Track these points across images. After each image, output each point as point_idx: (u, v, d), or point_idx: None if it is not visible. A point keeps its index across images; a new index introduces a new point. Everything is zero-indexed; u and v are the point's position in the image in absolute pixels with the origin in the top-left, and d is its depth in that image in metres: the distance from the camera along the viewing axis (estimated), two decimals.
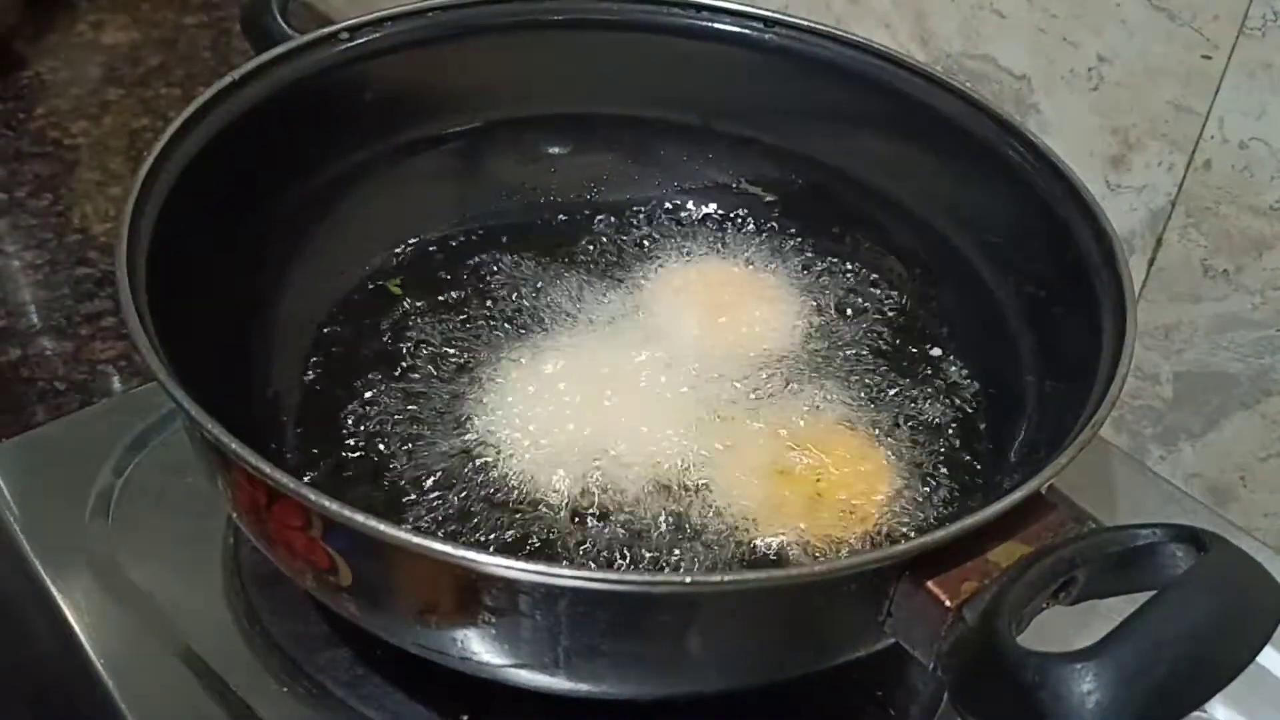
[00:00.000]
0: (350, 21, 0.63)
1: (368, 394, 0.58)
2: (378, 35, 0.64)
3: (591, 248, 0.68)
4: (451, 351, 0.61)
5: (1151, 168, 0.69)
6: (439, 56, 0.66)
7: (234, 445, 0.42)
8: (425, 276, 0.65)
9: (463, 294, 0.64)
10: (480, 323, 0.62)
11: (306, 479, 0.54)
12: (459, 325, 0.62)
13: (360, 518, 0.40)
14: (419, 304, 0.63)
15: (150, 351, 0.44)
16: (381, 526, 0.39)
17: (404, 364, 0.60)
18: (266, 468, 0.41)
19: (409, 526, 0.43)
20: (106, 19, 1.32)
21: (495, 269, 0.66)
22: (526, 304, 0.63)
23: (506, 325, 0.62)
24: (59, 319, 0.96)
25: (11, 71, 1.23)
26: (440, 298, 0.64)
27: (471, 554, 0.39)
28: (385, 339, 0.61)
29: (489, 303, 0.63)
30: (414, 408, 0.58)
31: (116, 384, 0.92)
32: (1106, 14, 0.68)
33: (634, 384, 0.58)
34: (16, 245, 1.03)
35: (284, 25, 0.63)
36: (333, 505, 0.40)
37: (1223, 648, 0.38)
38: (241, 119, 0.57)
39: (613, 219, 0.69)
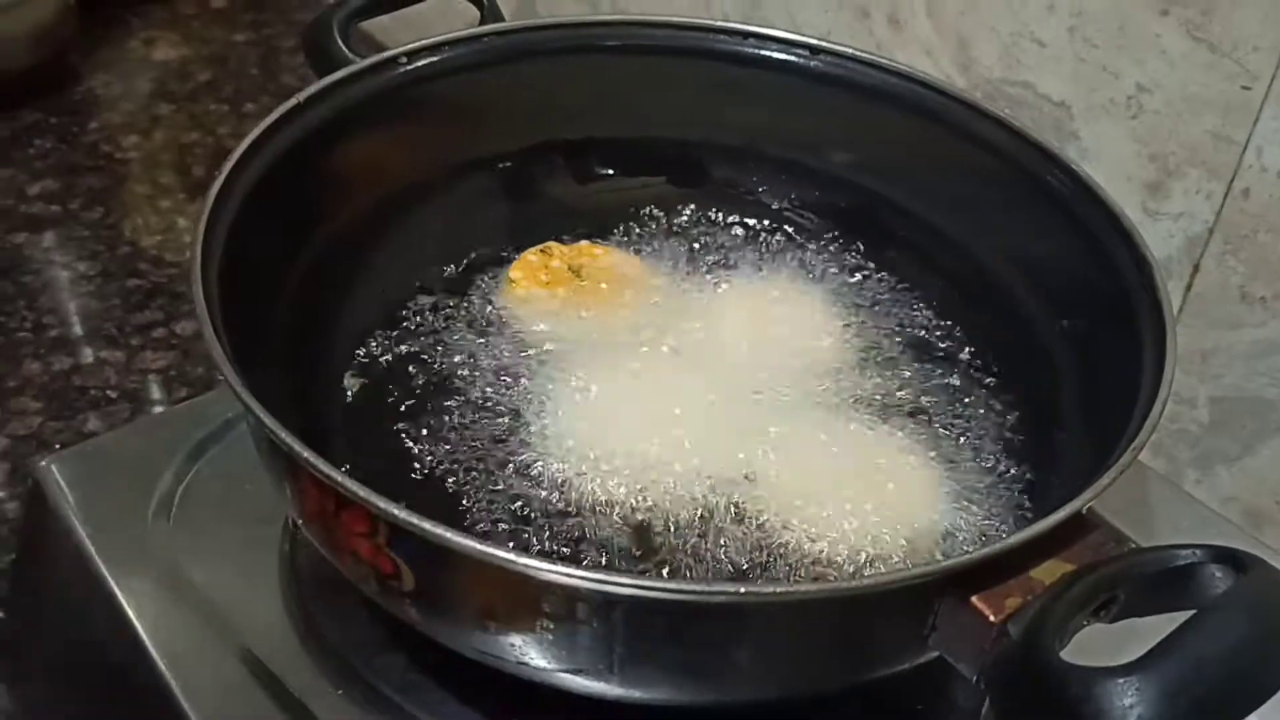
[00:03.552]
0: (408, 46, 0.65)
1: (422, 406, 0.60)
2: (435, 59, 0.66)
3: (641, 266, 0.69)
4: (503, 366, 0.62)
5: (1190, 195, 0.70)
6: (493, 80, 0.68)
7: (306, 454, 0.43)
8: (478, 293, 0.67)
9: (514, 311, 0.66)
10: (531, 338, 0.64)
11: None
12: (510, 341, 0.64)
13: (428, 525, 0.41)
14: (472, 319, 0.65)
15: (226, 364, 0.46)
16: (448, 534, 0.41)
17: (457, 377, 0.62)
18: (337, 476, 0.43)
19: (472, 534, 0.45)
20: (158, 36, 1.35)
21: None
22: (576, 319, 0.65)
23: (558, 340, 0.63)
24: (110, 329, 0.98)
25: (66, 86, 1.26)
26: (492, 314, 0.65)
27: (534, 562, 0.41)
28: (439, 352, 0.63)
29: (540, 319, 0.65)
30: (467, 419, 0.59)
31: (166, 393, 0.94)
32: (1147, 44, 0.69)
33: (683, 398, 0.59)
34: (69, 256, 1.05)
35: (345, 50, 0.65)
36: (401, 513, 0.42)
37: (1262, 666, 0.39)
38: (305, 139, 0.59)
39: (661, 239, 0.71)
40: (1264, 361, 0.70)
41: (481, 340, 0.64)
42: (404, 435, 0.58)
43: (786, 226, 0.72)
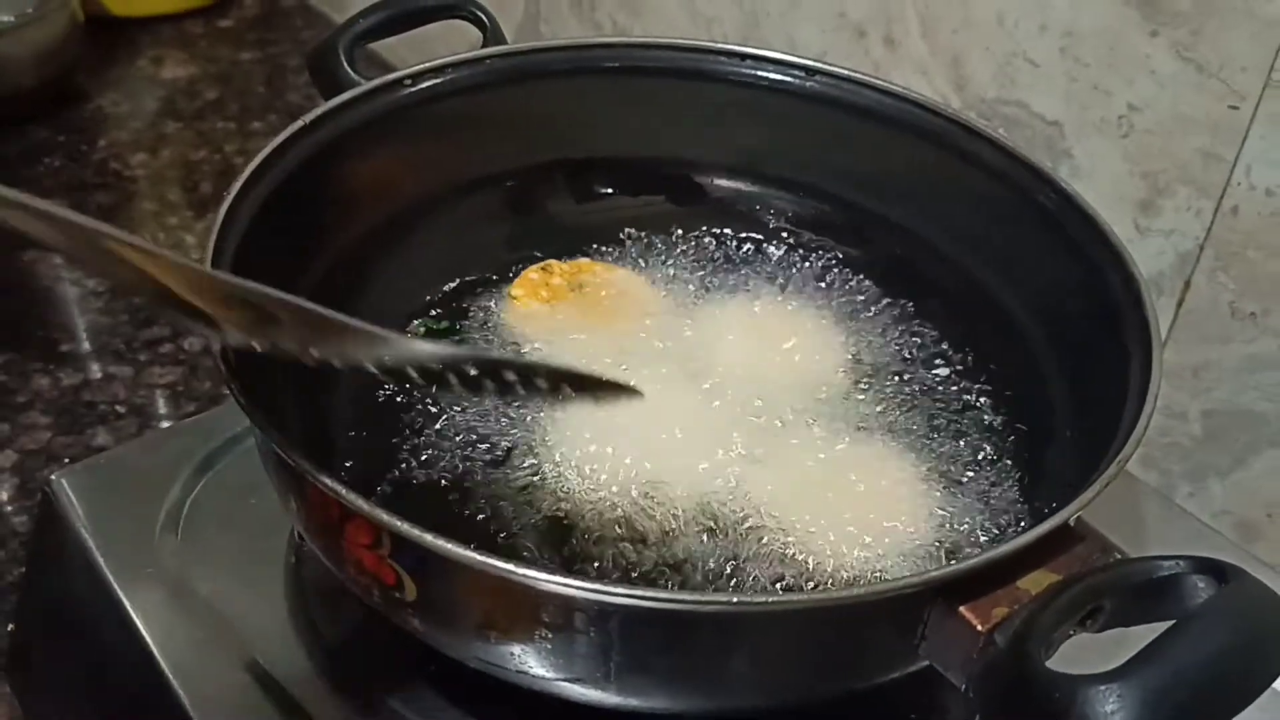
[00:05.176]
0: (413, 68, 0.66)
1: (424, 421, 0.61)
2: (438, 81, 0.67)
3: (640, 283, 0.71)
4: (505, 380, 0.63)
5: (1180, 212, 0.71)
6: (496, 101, 0.69)
7: (311, 468, 0.45)
8: (480, 310, 0.68)
9: (515, 328, 0.67)
10: (533, 355, 0.65)
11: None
12: (513, 355, 0.65)
13: (429, 537, 0.42)
14: (475, 335, 0.66)
15: (234, 380, 0.47)
16: (449, 545, 0.42)
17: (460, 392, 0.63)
18: (342, 489, 0.44)
19: (472, 545, 0.46)
20: (166, 54, 1.37)
21: None
22: (576, 337, 0.66)
23: (559, 357, 0.64)
24: (119, 345, 0.99)
25: (74, 104, 1.27)
26: (493, 331, 0.67)
27: (532, 572, 0.42)
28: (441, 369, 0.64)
29: (541, 336, 0.66)
30: (468, 434, 0.60)
31: (174, 407, 0.95)
32: (1137, 64, 0.70)
33: (682, 414, 0.60)
34: (78, 273, 1.07)
35: (351, 72, 0.66)
36: (403, 525, 0.43)
37: (1242, 673, 0.40)
38: (312, 159, 0.61)
39: (660, 257, 0.72)
40: (1254, 376, 0.71)
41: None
42: (407, 449, 0.59)
43: (784, 244, 0.74)
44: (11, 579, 0.80)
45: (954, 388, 0.65)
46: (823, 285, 0.71)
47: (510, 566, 0.42)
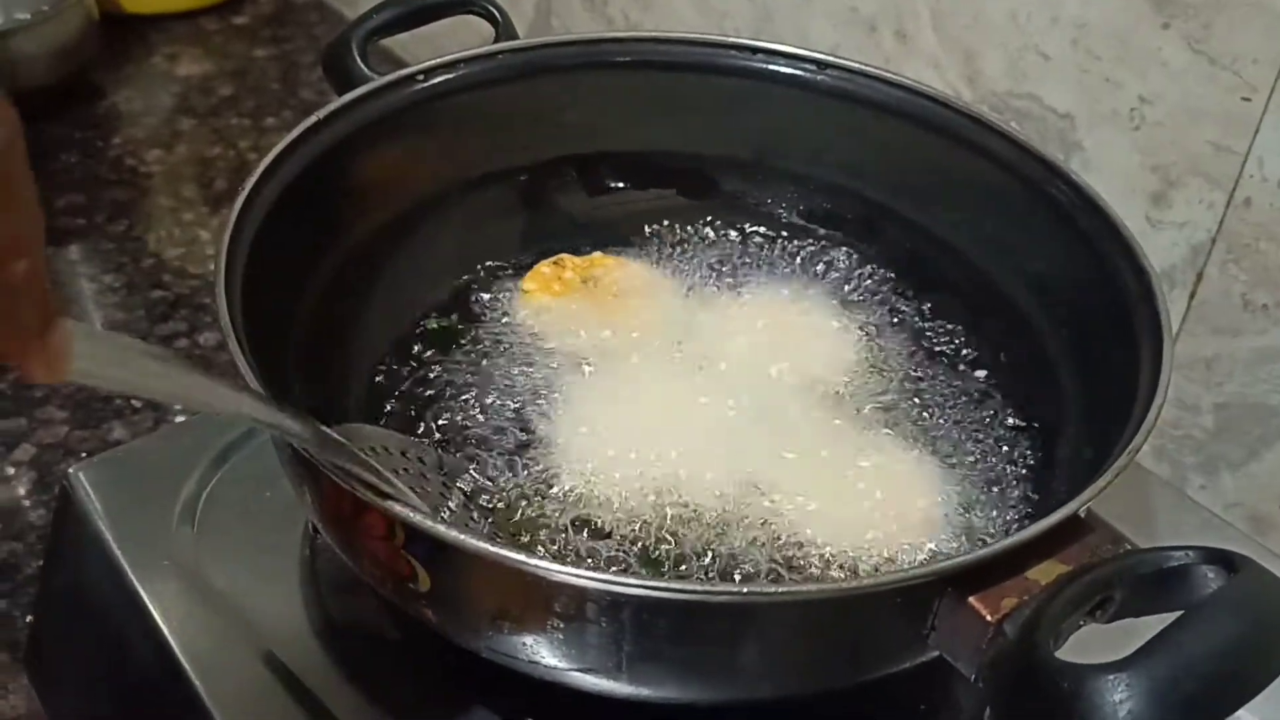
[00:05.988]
0: (426, 64, 0.67)
1: (437, 414, 0.62)
2: (451, 76, 0.67)
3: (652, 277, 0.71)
4: (517, 376, 0.64)
5: (1192, 205, 0.71)
6: (508, 95, 0.69)
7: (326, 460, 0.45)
8: (491, 304, 0.68)
9: (528, 322, 0.67)
10: (544, 349, 0.65)
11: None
12: (524, 351, 0.65)
13: (443, 528, 0.43)
14: (486, 330, 0.67)
15: (249, 374, 0.47)
16: (463, 537, 0.43)
17: (471, 387, 0.63)
18: (357, 482, 0.44)
19: (486, 537, 0.46)
20: (180, 51, 1.37)
21: None
22: (588, 330, 0.66)
23: (570, 350, 0.65)
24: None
25: (90, 101, 1.28)
26: (505, 325, 0.67)
27: (545, 563, 0.42)
28: (454, 363, 0.65)
29: (553, 330, 0.66)
30: (481, 428, 0.61)
31: None
32: (1148, 56, 0.70)
33: (695, 407, 0.61)
34: (94, 269, 1.07)
35: (364, 67, 0.67)
36: (417, 516, 0.43)
37: (1251, 663, 0.40)
38: (326, 154, 0.61)
39: (671, 251, 0.73)
40: (1266, 368, 0.71)
41: (496, 351, 0.65)
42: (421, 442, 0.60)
43: (795, 238, 0.74)
44: (30, 571, 0.80)
45: (965, 380, 0.65)
46: (833, 279, 0.71)
47: (523, 557, 0.42)
